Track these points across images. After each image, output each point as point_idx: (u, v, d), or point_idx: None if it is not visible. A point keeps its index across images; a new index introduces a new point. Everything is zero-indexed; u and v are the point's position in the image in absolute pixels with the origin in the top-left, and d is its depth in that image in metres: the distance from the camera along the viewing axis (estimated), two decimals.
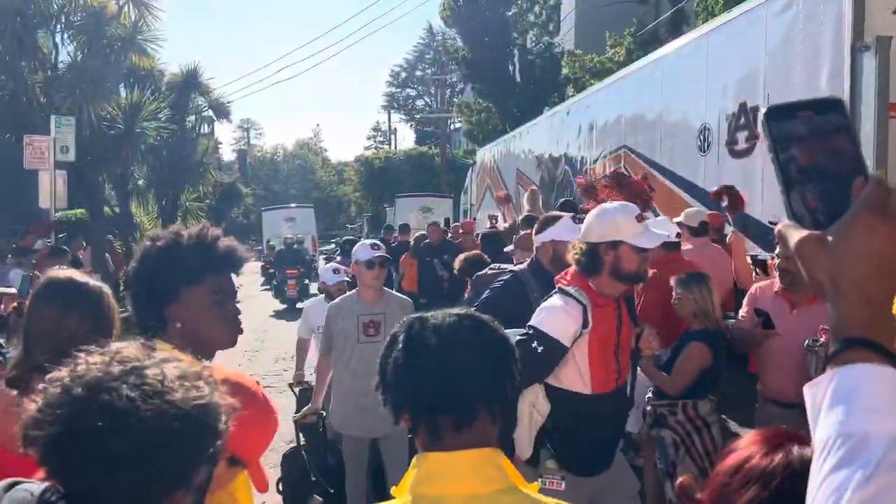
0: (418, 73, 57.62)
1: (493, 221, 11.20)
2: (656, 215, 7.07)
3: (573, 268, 2.94)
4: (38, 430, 0.96)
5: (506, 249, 5.17)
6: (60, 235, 11.87)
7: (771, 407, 3.72)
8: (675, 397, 3.76)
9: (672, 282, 3.97)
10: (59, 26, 14.63)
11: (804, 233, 0.80)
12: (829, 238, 0.77)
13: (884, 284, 0.76)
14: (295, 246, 19.19)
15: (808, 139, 0.80)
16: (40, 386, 1.01)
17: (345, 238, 7.63)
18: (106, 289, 2.15)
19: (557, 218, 3.67)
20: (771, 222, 4.64)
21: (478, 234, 11.35)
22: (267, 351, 11.27)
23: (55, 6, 14.46)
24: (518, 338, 2.73)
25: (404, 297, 4.69)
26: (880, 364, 0.73)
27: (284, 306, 16.89)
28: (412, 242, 11.05)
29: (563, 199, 8.55)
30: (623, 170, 8.17)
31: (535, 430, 2.89)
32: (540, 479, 2.85)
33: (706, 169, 7.21)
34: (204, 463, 1.02)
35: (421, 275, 10.31)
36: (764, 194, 5.95)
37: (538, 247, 3.65)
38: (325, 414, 4.62)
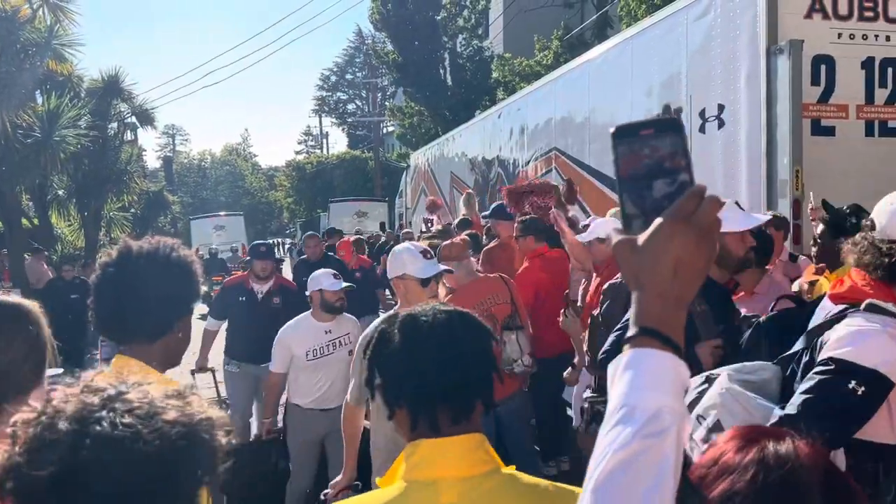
0: (349, 76, 57.27)
1: (429, 225, 11.22)
2: (588, 216, 7.23)
3: (864, 275, 2.19)
4: (20, 477, 0.86)
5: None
6: None
7: None
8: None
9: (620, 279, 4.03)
10: None
11: (621, 237, 0.91)
12: (639, 242, 0.88)
13: (676, 284, 0.87)
14: (218, 255, 21.47)
15: (644, 154, 0.90)
16: (7, 430, 0.91)
17: (255, 243, 6.47)
18: (33, 306, 2.05)
19: None
20: None
21: (417, 238, 11.35)
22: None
23: None
24: (820, 378, 2.07)
25: None
26: (663, 350, 0.85)
27: (208, 308, 18.00)
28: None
29: (497, 203, 8.64)
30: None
31: None
32: None
33: None
34: (208, 481, 0.96)
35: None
36: None
37: None
38: (360, 486, 4.19)
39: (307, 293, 4.66)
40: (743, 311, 3.63)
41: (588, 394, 4.02)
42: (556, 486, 1.38)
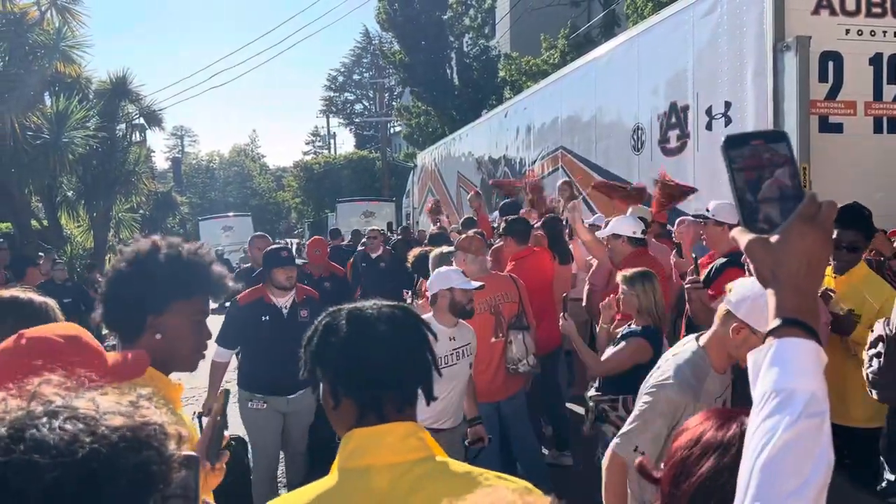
0: (356, 76, 57.32)
1: (437, 224, 11.23)
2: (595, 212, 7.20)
3: None
4: None
5: (447, 249, 5.17)
6: None
7: None
8: (615, 391, 3.82)
9: (618, 278, 4.02)
10: None
11: (752, 236, 1.00)
12: (772, 241, 0.98)
13: (811, 277, 0.98)
14: (224, 256, 22.02)
15: (758, 162, 1.01)
16: None
17: (272, 248, 5.07)
18: (52, 302, 2.10)
19: None
20: (707, 210, 4.81)
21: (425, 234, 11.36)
22: (208, 361, 10.99)
23: None
24: None
25: None
26: (806, 338, 0.94)
27: (216, 305, 18.55)
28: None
29: (506, 200, 8.63)
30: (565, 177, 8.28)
31: None
32: None
33: (640, 167, 7.37)
34: (157, 492, 0.92)
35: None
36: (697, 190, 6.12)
37: None
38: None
39: (430, 292, 4.00)
40: None
41: (592, 392, 4.01)
42: (487, 474, 1.39)
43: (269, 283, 4.75)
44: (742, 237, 1.01)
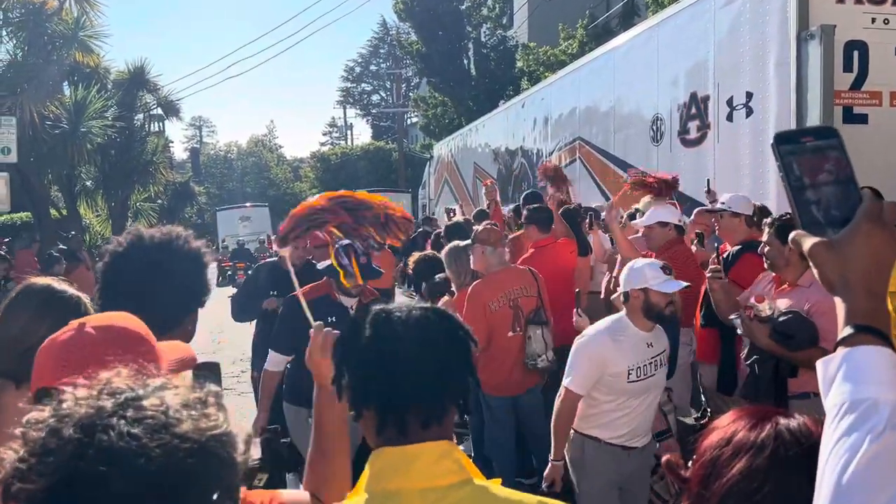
0: (373, 67, 57.28)
1: (452, 214, 11.18)
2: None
3: None
4: (24, 482, 0.83)
5: (462, 243, 5.12)
6: (6, 239, 11.47)
7: None
8: None
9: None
10: None
11: (815, 239, 0.95)
12: (837, 243, 0.94)
13: (882, 280, 0.93)
14: (245, 246, 23.90)
15: (811, 160, 0.96)
16: (17, 431, 0.88)
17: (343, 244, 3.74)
18: (84, 298, 2.08)
19: None
20: (721, 202, 4.74)
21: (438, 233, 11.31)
22: (223, 351, 11.05)
23: None
24: None
25: None
26: (882, 346, 0.89)
27: (235, 290, 18.92)
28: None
29: (528, 191, 8.57)
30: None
31: None
32: None
33: (659, 158, 7.28)
34: (224, 500, 0.92)
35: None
36: (717, 181, 6.04)
37: None
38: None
39: (620, 291, 3.51)
40: (785, 303, 3.54)
41: None
42: (531, 500, 1.28)
43: (338, 284, 4.09)
44: (805, 241, 0.96)
